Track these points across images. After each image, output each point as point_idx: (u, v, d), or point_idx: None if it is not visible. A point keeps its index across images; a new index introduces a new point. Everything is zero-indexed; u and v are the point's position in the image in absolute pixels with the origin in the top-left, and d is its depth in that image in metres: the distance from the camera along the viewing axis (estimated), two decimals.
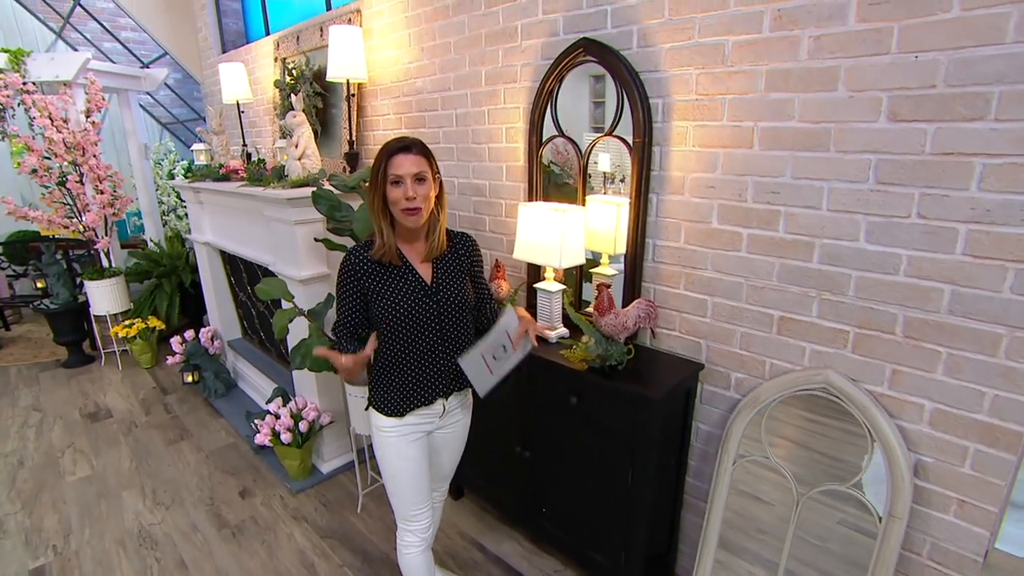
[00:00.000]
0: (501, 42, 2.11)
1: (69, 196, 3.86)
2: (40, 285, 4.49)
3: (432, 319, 1.42)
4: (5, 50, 3.63)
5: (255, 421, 2.63)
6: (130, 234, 6.12)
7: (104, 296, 3.99)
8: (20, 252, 4.95)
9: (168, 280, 4.33)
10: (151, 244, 4.69)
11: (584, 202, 1.95)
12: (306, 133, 2.52)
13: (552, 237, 1.75)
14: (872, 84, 1.28)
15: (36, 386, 3.83)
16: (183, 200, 4.70)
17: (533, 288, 2.03)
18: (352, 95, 2.83)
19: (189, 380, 3.62)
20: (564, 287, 1.92)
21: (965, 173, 1.20)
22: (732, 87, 1.51)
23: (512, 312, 1.39)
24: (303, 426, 2.52)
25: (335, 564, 2.15)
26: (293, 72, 3.29)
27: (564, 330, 1.96)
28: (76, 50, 5.14)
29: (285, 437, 2.48)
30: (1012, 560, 1.42)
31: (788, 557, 1.60)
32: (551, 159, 2.07)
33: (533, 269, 2.20)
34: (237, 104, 3.55)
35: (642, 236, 1.80)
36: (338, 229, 2.21)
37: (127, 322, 3.99)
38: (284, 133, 3.20)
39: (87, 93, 3.78)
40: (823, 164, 1.40)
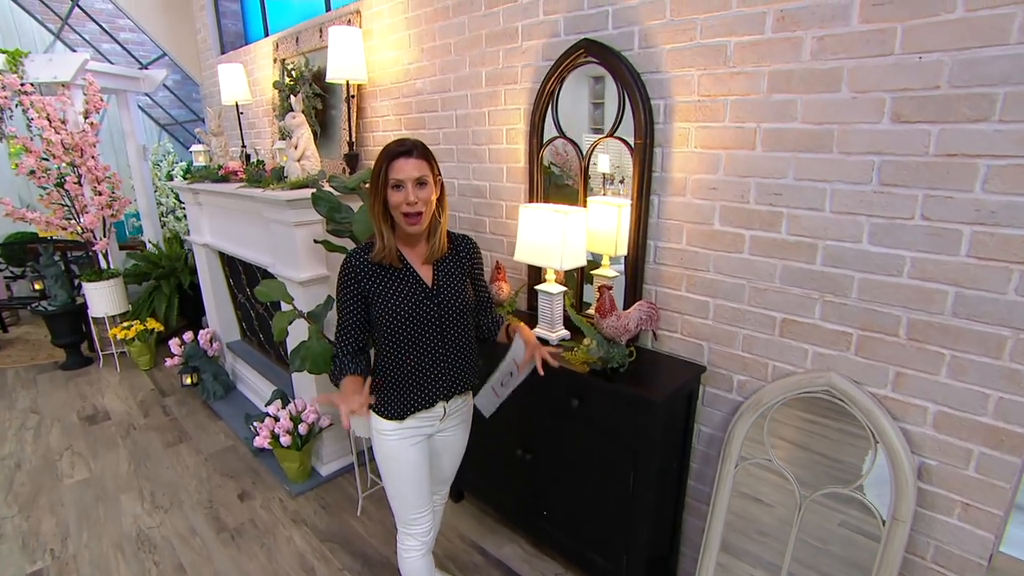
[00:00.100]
0: (502, 43, 2.11)
1: (67, 197, 3.84)
2: (38, 287, 4.47)
3: (433, 321, 1.41)
4: (3, 51, 3.62)
5: (254, 423, 2.62)
6: (128, 235, 6.10)
7: (102, 298, 3.97)
8: (18, 253, 4.94)
9: (167, 282, 4.31)
10: (149, 246, 4.68)
11: (585, 203, 1.94)
12: (305, 134, 2.51)
13: (553, 239, 1.74)
14: (875, 85, 1.28)
15: (34, 388, 3.81)
16: (182, 201, 4.70)
17: (534, 290, 2.03)
18: (352, 96, 2.82)
19: (188, 382, 3.60)
20: (565, 289, 1.91)
21: (969, 174, 1.19)
22: (734, 88, 1.51)
23: (520, 342, 1.42)
24: (302, 428, 2.51)
25: (335, 567, 2.13)
26: (292, 73, 3.28)
27: (565, 332, 1.95)
28: (74, 51, 5.13)
29: (284, 440, 2.47)
30: (1017, 563, 1.41)
31: (789, 560, 1.59)
32: (551, 160, 2.06)
33: (534, 271, 2.19)
34: (236, 105, 3.54)
35: (643, 238, 1.80)
36: (338, 231, 2.20)
37: (125, 324, 3.97)
38: (283, 134, 3.19)
39: (85, 94, 3.76)
40: (826, 165, 1.39)
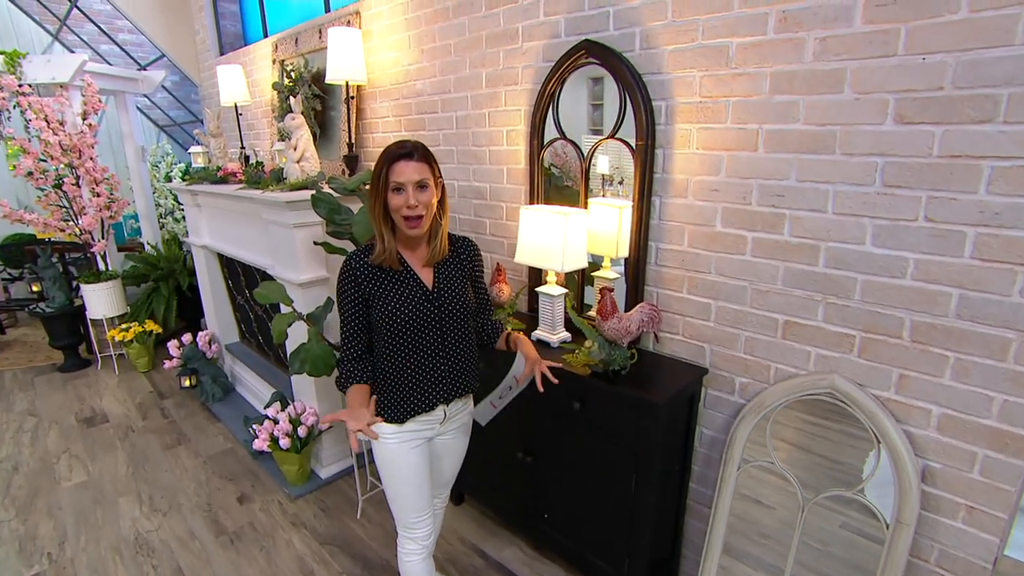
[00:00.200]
0: (502, 44, 2.10)
1: (65, 199, 3.83)
2: (36, 289, 4.45)
3: (433, 324, 1.40)
4: (1, 52, 3.60)
5: (253, 426, 2.61)
6: (127, 237, 6.09)
7: (100, 299, 3.96)
8: (15, 255, 4.92)
9: (165, 283, 4.30)
10: (148, 247, 4.66)
11: (586, 205, 1.93)
12: (305, 135, 2.51)
13: (554, 240, 1.73)
14: (878, 86, 1.27)
15: (31, 391, 3.79)
16: (180, 203, 4.68)
17: (535, 292, 2.02)
18: (351, 97, 2.82)
19: (186, 384, 3.59)
20: (566, 291, 1.90)
21: (973, 176, 1.19)
22: (736, 89, 1.50)
23: (521, 359, 1.46)
24: (302, 431, 2.49)
25: (335, 571, 2.12)
26: (292, 74, 3.27)
27: (566, 334, 1.94)
28: (73, 52, 5.12)
29: (284, 442, 2.46)
30: (1021, 567, 1.40)
31: (792, 563, 1.58)
32: (550, 162, 2.06)
33: (534, 272, 2.18)
34: (235, 106, 3.53)
35: (645, 239, 1.79)
36: (338, 232, 2.19)
37: (124, 326, 3.96)
38: (282, 135, 3.18)
39: (84, 95, 3.75)
40: (829, 167, 1.38)
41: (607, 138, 1.82)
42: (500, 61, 2.13)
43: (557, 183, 2.07)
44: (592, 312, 1.91)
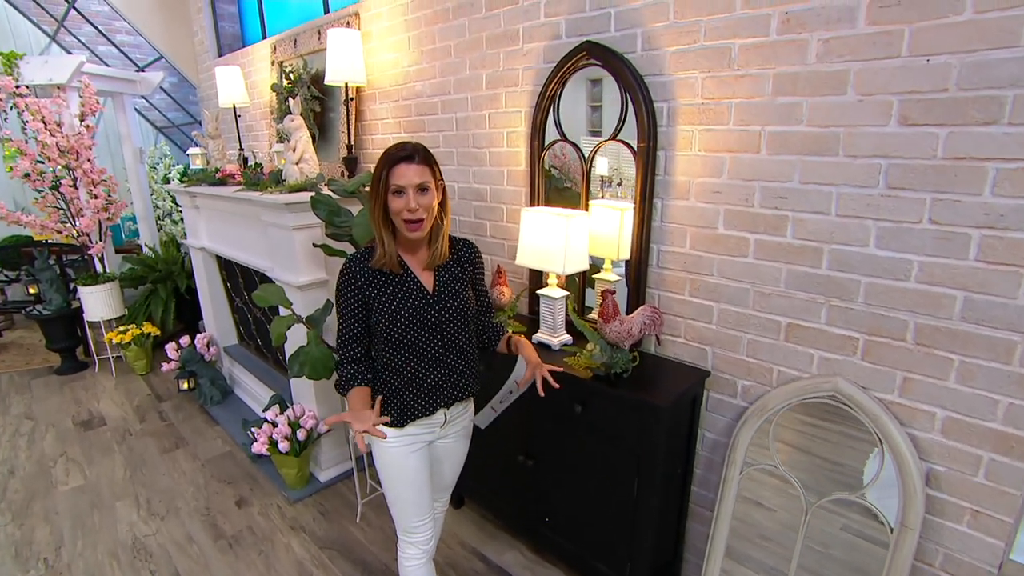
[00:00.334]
0: (502, 45, 2.09)
1: (63, 200, 3.81)
2: (33, 291, 4.43)
3: (434, 328, 1.39)
4: None
5: (252, 429, 2.59)
6: (125, 239, 6.07)
7: (98, 302, 3.94)
8: (12, 257, 4.89)
9: (163, 285, 4.28)
10: (146, 249, 4.64)
11: (587, 207, 1.93)
12: (304, 137, 2.49)
13: (556, 243, 1.72)
14: (882, 88, 1.27)
15: (28, 393, 3.77)
16: (178, 204, 4.66)
17: (535, 294, 2.01)
18: (350, 99, 2.80)
19: (184, 387, 3.57)
20: (568, 293, 1.89)
21: (978, 178, 1.18)
22: (739, 91, 1.50)
23: (522, 363, 1.45)
24: (301, 434, 2.48)
25: (334, 575, 2.11)
26: (290, 76, 3.26)
27: (567, 337, 1.93)
28: (70, 53, 5.10)
29: (283, 446, 2.44)
30: None
31: (796, 567, 1.57)
32: (550, 163, 2.05)
33: (535, 275, 2.17)
34: (234, 108, 3.51)
35: (647, 241, 1.78)
36: (337, 234, 2.18)
37: (121, 328, 3.94)
38: (281, 137, 3.17)
39: (81, 96, 3.73)
40: (832, 169, 1.38)
41: (608, 140, 1.81)
42: (500, 62, 2.12)
43: (557, 185, 2.06)
44: (593, 315, 1.90)
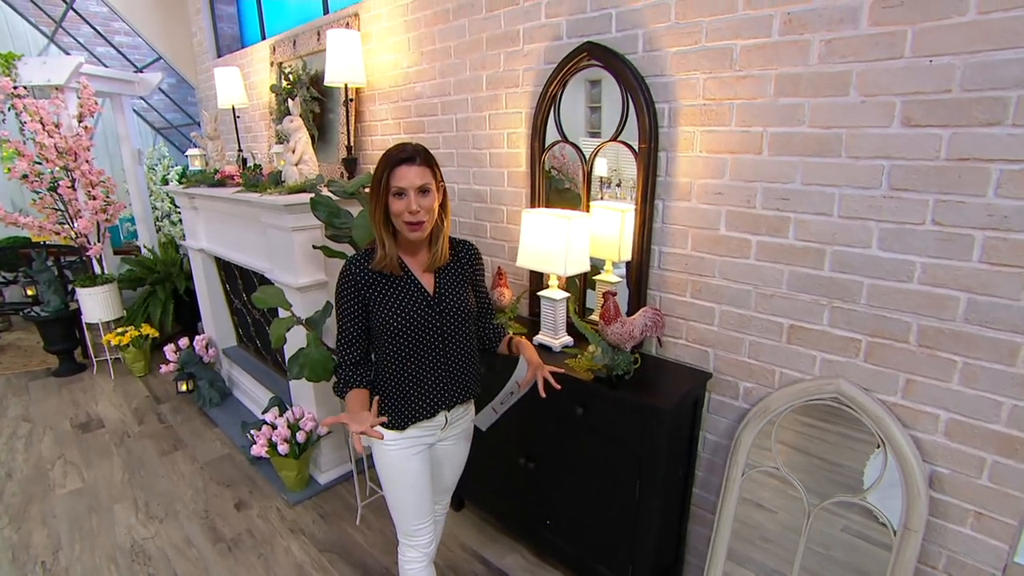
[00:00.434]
0: (503, 46, 2.09)
1: (61, 202, 3.80)
2: (30, 292, 4.42)
3: (435, 330, 1.38)
4: None
5: (251, 431, 2.58)
6: (123, 240, 6.06)
7: (96, 303, 3.92)
8: (10, 258, 4.88)
9: (162, 287, 4.27)
10: (144, 250, 4.63)
11: (588, 208, 1.92)
12: (303, 138, 2.48)
13: (557, 244, 1.71)
14: (885, 89, 1.26)
15: (26, 395, 3.75)
16: (177, 206, 4.65)
17: (536, 296, 2.00)
18: (350, 100, 2.80)
19: (183, 389, 3.55)
20: (568, 295, 1.88)
21: (982, 179, 1.18)
22: (740, 92, 1.49)
23: (523, 364, 1.44)
24: (300, 436, 2.47)
25: None
26: (290, 77, 3.25)
27: (568, 339, 1.92)
28: (69, 54, 5.09)
29: (282, 448, 2.43)
30: None
31: (798, 569, 1.56)
32: (550, 164, 2.04)
33: (535, 276, 2.16)
34: (233, 109, 3.50)
35: (648, 243, 1.78)
36: (337, 236, 2.17)
37: (120, 330, 3.92)
38: (280, 138, 3.17)
39: (79, 97, 3.72)
40: (834, 170, 1.37)
41: (610, 141, 1.80)
42: (501, 63, 2.11)
43: (557, 186, 2.06)
44: (594, 316, 1.89)
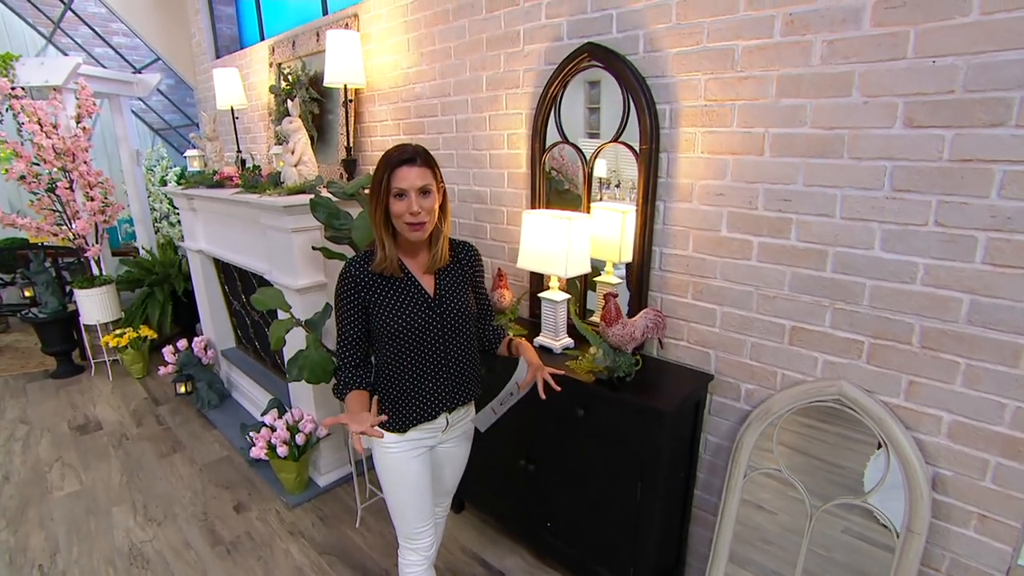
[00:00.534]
0: (503, 47, 2.08)
1: (58, 203, 3.78)
2: (28, 294, 4.40)
3: (435, 331, 1.37)
4: None
5: (250, 433, 2.57)
6: (121, 241, 6.04)
7: (94, 305, 3.91)
8: (7, 260, 4.86)
9: (160, 288, 4.25)
10: (143, 252, 4.62)
11: (589, 209, 1.91)
12: (302, 139, 2.48)
13: (558, 245, 1.71)
14: (887, 89, 1.26)
15: (23, 397, 3.74)
16: (176, 207, 4.64)
17: (537, 297, 1.99)
18: (349, 101, 2.79)
19: (182, 391, 3.54)
20: (569, 296, 1.88)
21: (985, 180, 1.17)
22: (742, 93, 1.49)
23: (524, 365, 1.43)
24: (300, 438, 2.45)
25: None
26: (289, 77, 3.24)
27: (569, 340, 1.92)
28: (67, 55, 5.07)
29: (281, 450, 2.42)
30: None
31: (801, 572, 1.56)
32: (550, 166, 2.04)
33: (536, 278, 2.16)
34: (231, 110, 3.50)
35: (649, 244, 1.77)
36: (336, 237, 2.16)
37: (118, 331, 3.91)
38: (280, 139, 3.15)
39: (77, 98, 3.71)
40: (836, 171, 1.37)
41: (611, 142, 1.80)
42: (501, 64, 2.11)
43: (557, 187, 2.05)
44: (595, 318, 1.88)
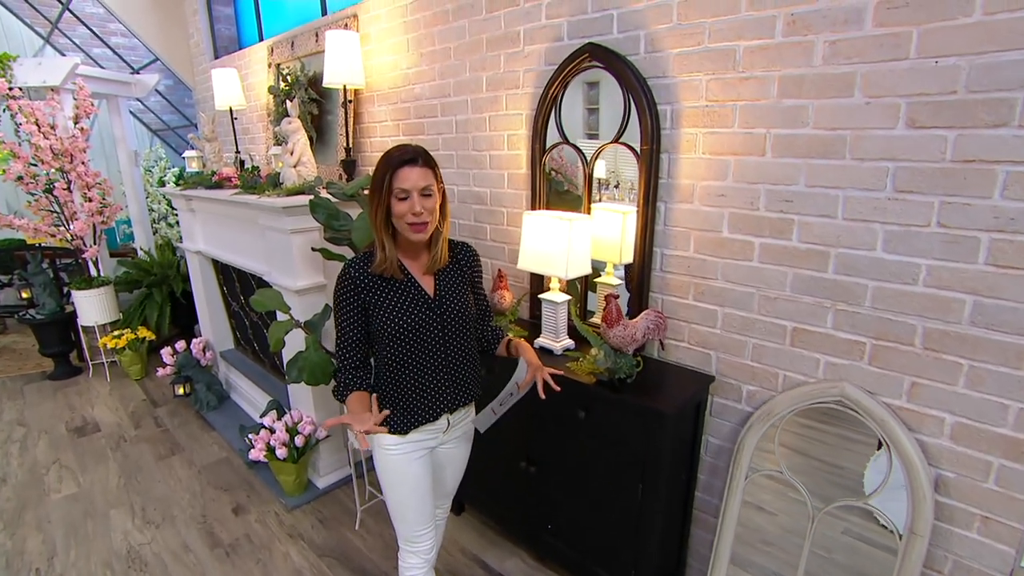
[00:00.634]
0: (503, 47, 2.07)
1: (56, 204, 3.77)
2: (25, 295, 4.38)
3: (436, 332, 1.37)
4: None
5: (249, 435, 2.56)
6: (119, 242, 6.03)
7: (92, 306, 3.89)
8: (5, 261, 4.84)
9: (158, 289, 4.24)
10: (141, 253, 4.60)
11: (589, 210, 1.91)
12: (302, 140, 2.47)
13: (558, 247, 1.70)
14: (890, 90, 1.25)
15: (20, 399, 3.72)
16: (174, 208, 4.62)
17: (537, 298, 1.99)
18: (349, 101, 2.78)
19: (180, 392, 3.53)
20: (570, 297, 1.87)
21: (988, 181, 1.17)
22: (743, 93, 1.48)
23: (523, 365, 1.43)
24: (299, 440, 2.45)
25: None
26: (288, 78, 3.24)
27: (570, 342, 1.91)
28: (64, 55, 5.06)
29: (280, 452, 2.41)
30: None
31: (794, 569, 1.55)
32: (550, 166, 2.03)
33: (536, 279, 2.15)
34: (230, 110, 3.49)
35: (650, 245, 1.76)
36: (336, 238, 2.15)
37: (116, 333, 3.89)
38: (279, 140, 3.14)
39: (75, 99, 3.70)
40: (838, 172, 1.37)
41: (611, 142, 1.79)
42: (501, 65, 2.10)
43: (557, 188, 2.05)
44: (596, 319, 1.88)
